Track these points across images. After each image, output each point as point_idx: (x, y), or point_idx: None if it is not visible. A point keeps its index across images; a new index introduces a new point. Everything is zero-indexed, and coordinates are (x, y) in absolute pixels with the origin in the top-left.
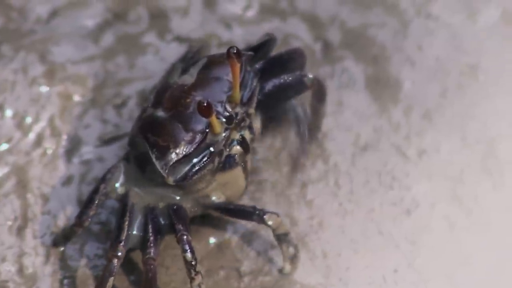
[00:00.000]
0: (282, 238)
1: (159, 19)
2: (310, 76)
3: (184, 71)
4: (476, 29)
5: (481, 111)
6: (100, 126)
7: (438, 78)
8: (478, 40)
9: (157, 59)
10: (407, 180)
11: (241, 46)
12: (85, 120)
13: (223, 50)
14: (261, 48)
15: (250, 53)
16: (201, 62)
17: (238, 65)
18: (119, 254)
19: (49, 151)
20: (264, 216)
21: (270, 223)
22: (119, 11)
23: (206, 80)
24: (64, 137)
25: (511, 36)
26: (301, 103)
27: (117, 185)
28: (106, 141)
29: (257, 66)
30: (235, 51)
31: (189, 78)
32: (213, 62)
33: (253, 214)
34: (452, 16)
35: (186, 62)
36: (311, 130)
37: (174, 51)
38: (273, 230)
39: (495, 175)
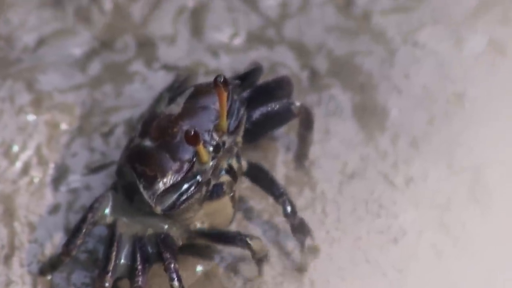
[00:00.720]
0: (263, 260)
1: (146, 48)
2: (297, 104)
3: (171, 100)
4: (462, 57)
5: (468, 138)
6: (87, 154)
7: (425, 106)
8: (464, 68)
9: (144, 88)
10: (394, 208)
11: (228, 74)
12: (72, 148)
13: (211, 78)
14: (248, 76)
15: (237, 81)
16: (188, 91)
17: (225, 94)
18: (107, 285)
19: (36, 180)
20: (247, 240)
21: (253, 247)
22: (106, 40)
23: (193, 109)
24: (51, 165)
25: (497, 64)
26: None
27: (105, 214)
28: (93, 170)
29: (244, 94)
30: (222, 80)
31: (176, 108)
32: (200, 91)
33: (236, 238)
34: (439, 44)
35: (173, 91)
36: (298, 158)
37: (161, 80)
38: (254, 254)
39: (482, 203)
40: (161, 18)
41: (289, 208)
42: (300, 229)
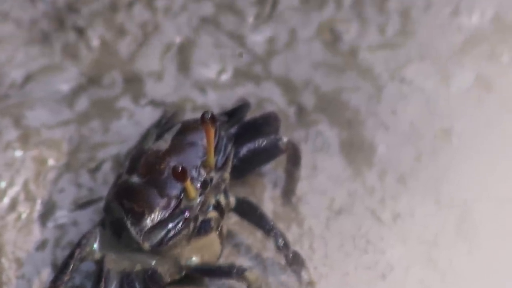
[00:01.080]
0: None
1: (133, 84)
2: (285, 140)
3: (159, 136)
4: (450, 93)
5: (455, 174)
6: (75, 190)
7: (412, 142)
8: (452, 104)
9: (132, 123)
10: (381, 244)
11: (215, 110)
12: (60, 184)
13: (198, 114)
14: (235, 112)
15: (224, 118)
16: (175, 127)
17: (212, 130)
18: None
19: (24, 216)
20: (243, 271)
21: (249, 278)
22: (93, 76)
23: (180, 146)
24: (39, 201)
25: (484, 100)
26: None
27: (93, 250)
28: (80, 205)
29: (232, 130)
30: (209, 116)
31: (163, 144)
32: (187, 127)
33: (231, 270)
34: (426, 80)
35: (160, 127)
36: (285, 194)
37: (148, 115)
38: (249, 286)
39: (470, 239)
40: (148, 54)
41: (281, 241)
42: (295, 261)
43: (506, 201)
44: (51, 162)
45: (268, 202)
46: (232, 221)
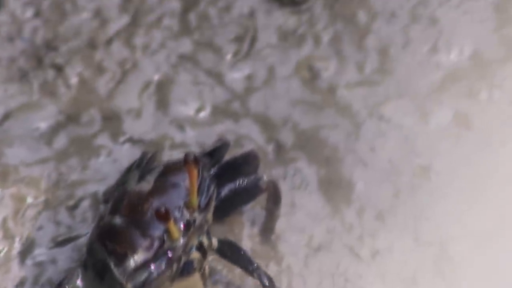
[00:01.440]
0: None
1: (111, 121)
2: (265, 179)
3: (141, 178)
4: (428, 131)
5: (434, 212)
6: (53, 228)
7: (390, 179)
8: (430, 141)
9: (110, 161)
10: (360, 282)
11: (194, 148)
12: (38, 222)
13: (177, 152)
14: (215, 152)
15: (206, 158)
16: (158, 168)
17: (195, 172)
18: None
19: (2, 253)
20: None
21: None
22: (71, 113)
23: (163, 187)
24: (17, 239)
25: (463, 137)
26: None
27: None
28: (59, 243)
29: (213, 170)
30: (192, 158)
31: (146, 185)
32: (170, 168)
33: None
34: (404, 117)
35: (142, 168)
36: (264, 232)
37: (126, 153)
38: None
39: (448, 277)
40: (127, 92)
41: (266, 280)
42: None
43: (484, 238)
44: (29, 199)
45: (247, 240)
46: (210, 258)
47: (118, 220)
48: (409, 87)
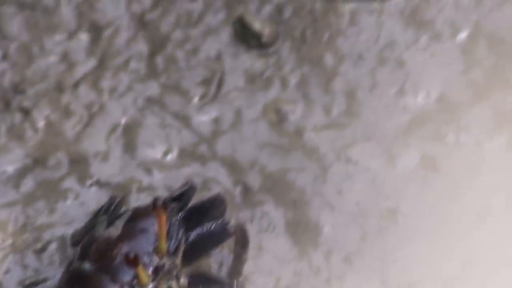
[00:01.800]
0: None
1: (79, 164)
2: (233, 223)
3: (110, 223)
4: (395, 173)
5: (401, 255)
6: (21, 271)
7: (358, 222)
8: (397, 184)
9: (77, 204)
10: None
11: (162, 191)
12: (6, 265)
13: (144, 195)
14: (182, 196)
15: (174, 203)
16: (126, 214)
17: (163, 216)
18: None
19: None
20: None
21: None
22: (39, 157)
23: (132, 232)
24: None
25: (430, 180)
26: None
27: None
28: (26, 286)
29: (181, 215)
30: (160, 203)
31: (115, 230)
32: (139, 213)
33: None
34: (372, 160)
35: (110, 213)
36: (231, 275)
37: (94, 196)
38: None
39: None
40: (94, 135)
41: None
42: None
43: (452, 281)
44: None
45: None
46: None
47: (87, 265)
48: (376, 130)
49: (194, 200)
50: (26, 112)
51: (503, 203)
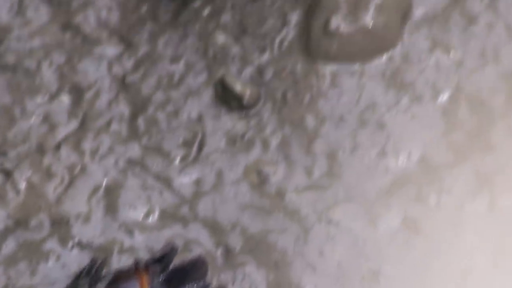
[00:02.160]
0: None
1: (60, 226)
2: (214, 285)
3: (91, 285)
4: (377, 235)
5: None
6: None
7: (339, 284)
8: (379, 245)
9: (59, 266)
10: None
11: (143, 252)
12: None
13: (125, 256)
14: (164, 258)
15: (156, 265)
16: (108, 276)
17: (145, 279)
18: None
19: None
20: None
21: None
22: (20, 218)
23: None
24: None
25: (412, 242)
26: None
27: None
28: None
29: (162, 277)
30: (142, 265)
31: None
32: (120, 276)
33: None
34: (353, 221)
35: (92, 276)
36: None
37: (75, 258)
38: None
39: None
40: (75, 197)
41: None
42: None
43: None
44: None
45: None
46: None
47: None
48: (357, 191)
49: (176, 262)
50: (7, 174)
51: (485, 264)
